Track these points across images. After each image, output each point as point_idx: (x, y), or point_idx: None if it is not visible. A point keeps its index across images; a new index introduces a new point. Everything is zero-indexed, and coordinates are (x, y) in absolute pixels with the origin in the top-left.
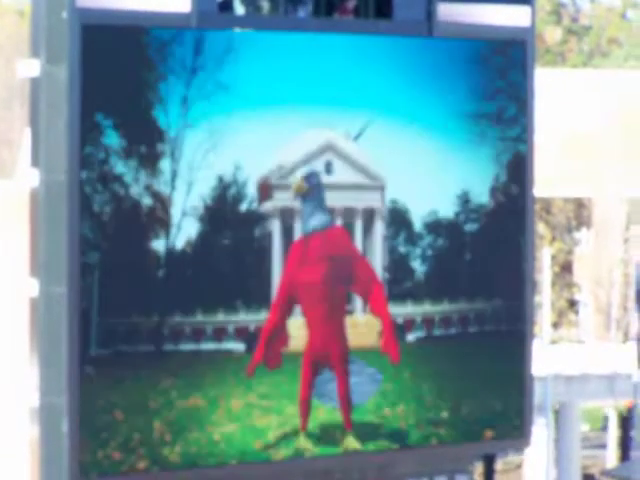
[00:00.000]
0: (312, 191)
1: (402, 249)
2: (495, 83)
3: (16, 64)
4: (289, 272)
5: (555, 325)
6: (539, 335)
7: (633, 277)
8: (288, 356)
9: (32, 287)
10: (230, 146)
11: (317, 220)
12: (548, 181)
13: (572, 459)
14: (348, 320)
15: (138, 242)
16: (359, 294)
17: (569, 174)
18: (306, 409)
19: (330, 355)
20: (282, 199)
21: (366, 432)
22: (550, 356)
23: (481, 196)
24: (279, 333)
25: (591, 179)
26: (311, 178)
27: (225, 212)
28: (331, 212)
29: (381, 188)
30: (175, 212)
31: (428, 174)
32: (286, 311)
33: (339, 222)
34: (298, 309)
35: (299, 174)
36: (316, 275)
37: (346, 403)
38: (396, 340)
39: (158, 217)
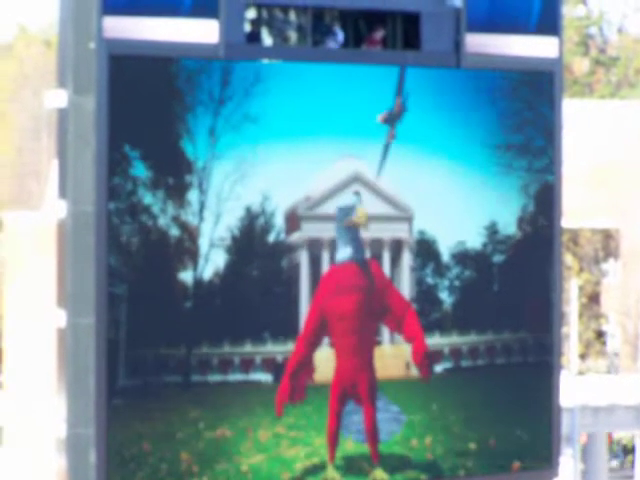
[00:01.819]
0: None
1: (430, 280)
2: (523, 114)
3: (43, 95)
4: (319, 303)
5: (582, 356)
6: (566, 366)
7: None
8: (315, 388)
9: (60, 318)
10: (258, 177)
11: (352, 251)
12: (575, 212)
13: None
14: (376, 351)
15: (166, 273)
16: (391, 326)
17: (597, 205)
18: (334, 440)
19: (359, 386)
20: (310, 230)
21: (394, 464)
22: (577, 387)
23: (509, 227)
24: (305, 366)
25: (618, 210)
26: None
27: (253, 243)
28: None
29: (409, 219)
30: (203, 243)
31: (456, 205)
32: (314, 343)
33: (367, 253)
34: (325, 340)
35: (359, 206)
36: (349, 306)
37: (373, 435)
38: (429, 362)
39: (186, 248)
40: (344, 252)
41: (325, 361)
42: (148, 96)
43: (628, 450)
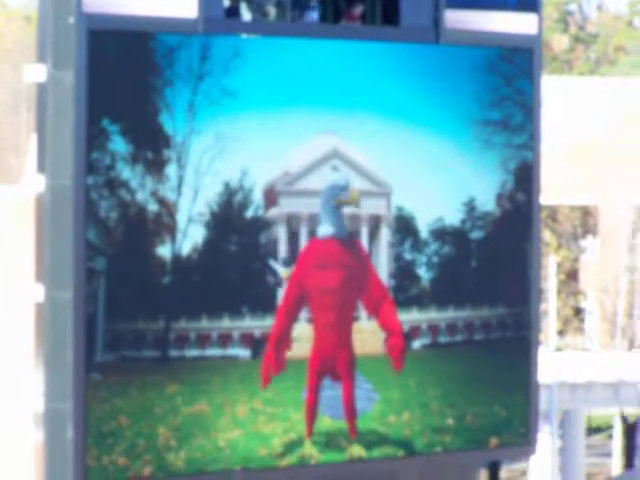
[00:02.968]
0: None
1: (408, 256)
2: (502, 90)
3: (23, 69)
4: (298, 276)
5: (561, 333)
6: (545, 343)
7: (639, 285)
8: (293, 362)
9: (38, 293)
10: (236, 152)
11: (336, 227)
12: (554, 189)
13: (577, 467)
14: (354, 327)
15: (144, 248)
16: (367, 307)
17: (575, 182)
18: (312, 416)
19: (337, 362)
20: (288, 205)
21: (371, 439)
22: (555, 364)
23: (487, 203)
24: (284, 337)
25: (597, 187)
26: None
27: (231, 218)
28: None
29: (387, 195)
30: (181, 218)
31: (434, 181)
32: (294, 314)
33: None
34: (302, 315)
35: (352, 186)
36: (331, 281)
37: (351, 410)
38: (404, 350)
39: (164, 223)
40: (328, 228)
41: (303, 337)
42: (127, 71)
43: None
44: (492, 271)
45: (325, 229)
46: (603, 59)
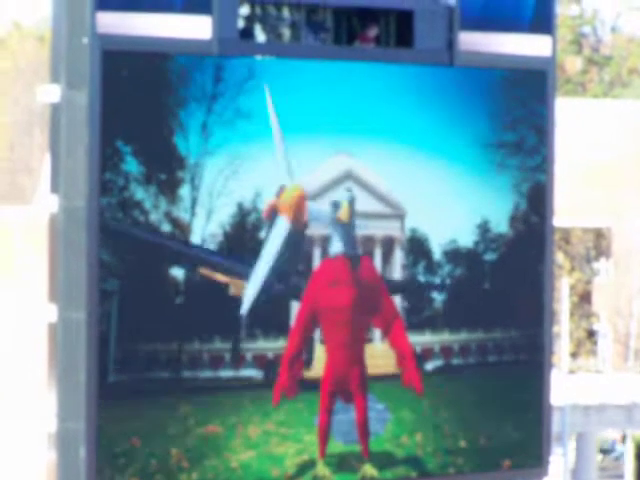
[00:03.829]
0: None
1: (421, 278)
2: (515, 113)
3: (36, 90)
4: (310, 296)
5: (573, 355)
6: (557, 365)
7: None
8: (305, 384)
9: (51, 313)
10: (250, 173)
11: (347, 246)
12: (567, 211)
13: None
14: (367, 349)
15: (157, 269)
16: (379, 326)
17: (588, 204)
18: (325, 436)
19: (350, 381)
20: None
21: (383, 460)
22: (568, 386)
23: (500, 225)
24: (297, 359)
25: (610, 209)
26: (352, 204)
27: (244, 239)
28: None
29: (401, 217)
30: (194, 239)
31: (448, 203)
32: (306, 336)
33: (359, 249)
34: (315, 336)
35: (344, 200)
36: (341, 298)
37: (364, 430)
38: (419, 371)
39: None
40: (336, 246)
41: (316, 358)
42: (141, 92)
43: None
44: (505, 293)
45: (335, 247)
46: (617, 81)
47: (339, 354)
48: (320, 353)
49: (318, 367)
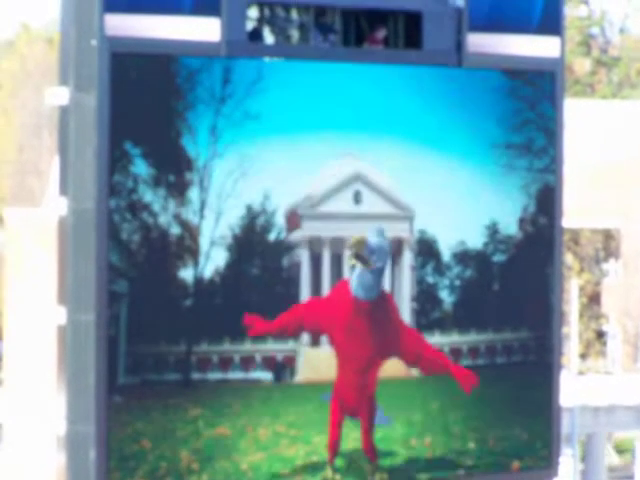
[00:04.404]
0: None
1: (430, 279)
2: (524, 114)
3: (45, 92)
4: (325, 318)
5: (583, 356)
6: (567, 366)
7: None
8: (315, 386)
9: (60, 315)
10: (259, 175)
11: (364, 289)
12: (576, 212)
13: None
14: None
15: (166, 271)
16: (406, 360)
17: (597, 205)
18: (335, 448)
19: (358, 410)
20: (310, 228)
21: (393, 462)
22: (577, 387)
23: (509, 227)
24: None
25: (619, 210)
26: (374, 247)
27: (253, 241)
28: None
29: (410, 218)
30: (204, 241)
31: (457, 204)
32: (297, 331)
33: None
34: (325, 339)
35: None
36: (361, 350)
37: (372, 451)
38: (466, 369)
39: (186, 246)
40: (358, 291)
41: (325, 360)
42: (149, 94)
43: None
44: (514, 294)
45: (356, 290)
46: (625, 82)
47: (350, 384)
48: (331, 357)
49: (328, 372)
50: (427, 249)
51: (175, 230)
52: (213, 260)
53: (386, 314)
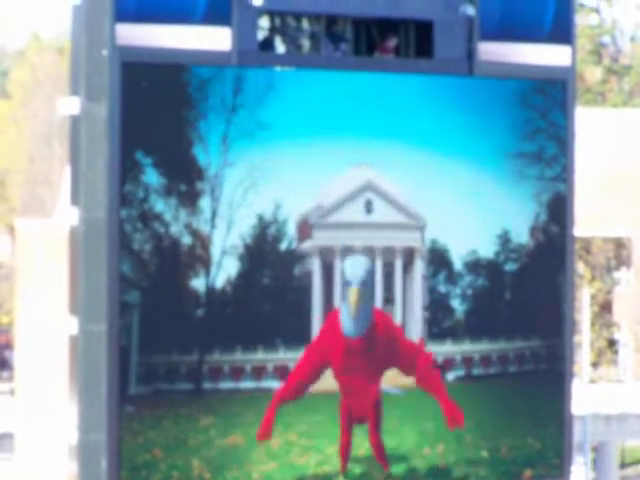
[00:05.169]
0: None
1: (442, 288)
2: (535, 122)
3: (56, 102)
4: (324, 344)
5: (594, 364)
6: (578, 374)
7: None
8: (327, 396)
9: (72, 325)
10: (270, 185)
11: (359, 327)
12: (588, 220)
13: None
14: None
15: (178, 280)
16: (402, 370)
17: (609, 214)
18: (346, 454)
19: (366, 420)
20: (321, 238)
21: (406, 472)
22: (589, 395)
23: (521, 236)
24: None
25: (631, 218)
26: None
27: (265, 251)
28: (371, 252)
29: (421, 227)
30: (215, 251)
31: (468, 213)
32: (313, 378)
33: (379, 262)
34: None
35: (353, 287)
36: (359, 381)
37: (381, 453)
38: (456, 404)
39: (198, 256)
40: (352, 327)
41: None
42: (160, 103)
43: None
44: (526, 303)
45: (347, 330)
46: (636, 90)
47: (355, 397)
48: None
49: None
50: (439, 258)
51: (186, 240)
52: (224, 269)
53: (380, 343)
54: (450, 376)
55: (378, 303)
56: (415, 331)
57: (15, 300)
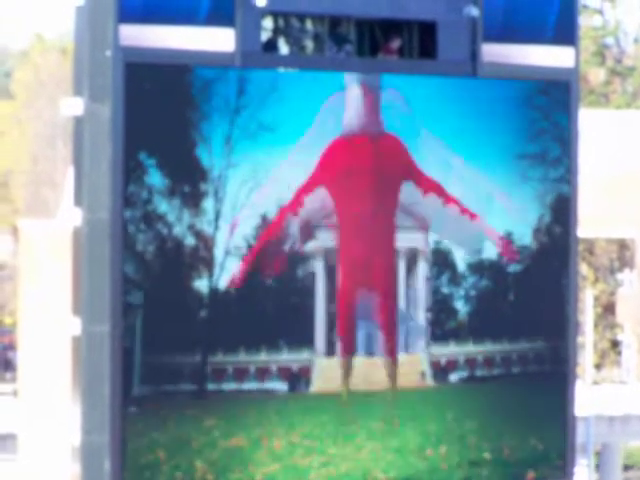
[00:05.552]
0: None
1: (445, 289)
2: (539, 124)
3: (59, 102)
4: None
5: (598, 366)
6: (581, 376)
7: None
8: (329, 396)
9: (74, 326)
10: (273, 186)
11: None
12: (591, 222)
13: None
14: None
15: (181, 281)
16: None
17: (612, 215)
18: (349, 351)
19: (372, 269)
20: (325, 239)
21: (409, 473)
22: (592, 397)
23: (524, 237)
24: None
25: (634, 220)
26: None
27: (268, 251)
28: None
29: (424, 229)
30: (218, 252)
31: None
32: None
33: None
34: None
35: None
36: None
37: (390, 336)
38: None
39: (201, 256)
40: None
41: (339, 370)
42: (164, 104)
43: None
44: (529, 305)
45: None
46: None
47: (356, 243)
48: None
49: (339, 381)
50: (442, 259)
51: (190, 241)
52: (228, 270)
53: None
54: (453, 377)
55: None
56: (418, 332)
57: (18, 301)
